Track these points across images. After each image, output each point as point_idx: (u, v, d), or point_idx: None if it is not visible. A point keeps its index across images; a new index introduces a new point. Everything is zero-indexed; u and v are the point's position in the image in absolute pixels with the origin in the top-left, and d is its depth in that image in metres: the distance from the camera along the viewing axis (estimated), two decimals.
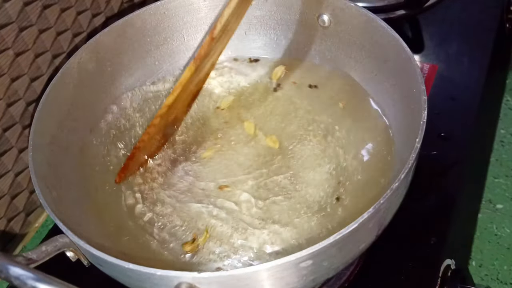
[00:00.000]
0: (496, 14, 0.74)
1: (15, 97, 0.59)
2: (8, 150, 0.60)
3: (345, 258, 0.38)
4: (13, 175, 0.62)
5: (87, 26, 0.67)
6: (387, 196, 0.36)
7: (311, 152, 0.52)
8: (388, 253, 0.51)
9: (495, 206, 0.67)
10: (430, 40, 0.73)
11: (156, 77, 0.59)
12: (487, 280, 0.60)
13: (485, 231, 0.64)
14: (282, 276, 0.35)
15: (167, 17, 0.57)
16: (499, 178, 0.69)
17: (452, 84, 0.67)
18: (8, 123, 0.59)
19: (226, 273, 0.34)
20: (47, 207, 0.38)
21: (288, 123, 0.55)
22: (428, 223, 0.54)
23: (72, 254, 0.39)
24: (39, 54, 0.61)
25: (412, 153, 0.39)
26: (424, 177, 0.56)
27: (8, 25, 0.56)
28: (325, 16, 0.54)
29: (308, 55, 0.58)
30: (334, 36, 0.55)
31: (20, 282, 0.28)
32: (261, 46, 0.60)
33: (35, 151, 0.43)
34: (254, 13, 0.58)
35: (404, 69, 0.46)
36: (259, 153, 0.53)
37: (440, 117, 0.61)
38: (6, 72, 0.57)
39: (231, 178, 0.51)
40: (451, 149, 0.60)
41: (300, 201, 0.48)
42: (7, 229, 0.63)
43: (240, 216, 0.48)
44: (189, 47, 0.60)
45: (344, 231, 0.34)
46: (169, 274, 0.34)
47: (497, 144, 0.73)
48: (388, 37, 0.48)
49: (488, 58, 0.69)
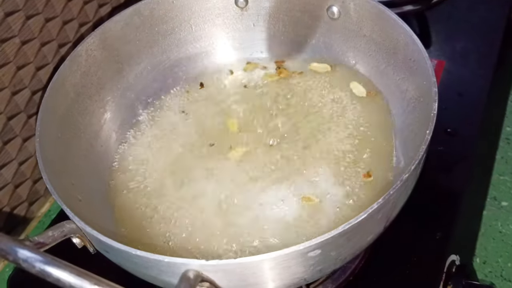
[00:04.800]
0: (504, 12, 0.74)
1: (21, 85, 0.59)
2: (13, 138, 0.60)
3: (353, 248, 0.38)
4: (17, 164, 0.62)
5: (93, 16, 0.67)
6: (397, 187, 0.36)
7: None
8: (393, 247, 0.51)
9: (500, 203, 0.66)
10: (438, 36, 0.73)
11: (163, 66, 0.59)
12: (491, 277, 0.60)
13: (490, 228, 0.64)
14: (289, 265, 0.35)
15: (175, 7, 0.56)
16: (504, 176, 0.69)
17: (459, 80, 0.66)
18: (13, 111, 0.59)
19: (233, 261, 0.34)
20: (54, 192, 0.38)
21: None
22: (434, 218, 0.54)
23: (78, 240, 0.38)
24: (45, 43, 0.61)
25: (422, 145, 0.38)
26: (430, 172, 0.55)
27: (15, 12, 0.56)
28: (334, 8, 0.54)
29: (316, 47, 0.58)
30: (344, 28, 0.55)
31: (28, 264, 0.27)
32: (269, 37, 0.60)
33: (42, 137, 0.43)
34: (263, 4, 0.58)
35: (414, 61, 0.46)
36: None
37: (447, 112, 0.61)
38: (12, 60, 0.57)
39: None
40: (457, 145, 0.60)
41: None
42: (10, 217, 0.63)
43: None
44: (197, 38, 0.59)
45: (353, 221, 0.34)
46: (176, 261, 0.34)
47: (502, 142, 0.72)
48: (398, 28, 0.48)
49: (495, 56, 0.69)
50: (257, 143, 0.53)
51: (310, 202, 0.48)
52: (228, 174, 0.51)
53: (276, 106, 0.56)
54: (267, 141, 0.53)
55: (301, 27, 0.58)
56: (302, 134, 0.53)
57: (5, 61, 0.56)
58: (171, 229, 0.48)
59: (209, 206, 0.49)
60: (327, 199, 0.48)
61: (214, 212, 0.48)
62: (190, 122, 0.57)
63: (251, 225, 0.47)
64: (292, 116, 0.55)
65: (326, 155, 0.51)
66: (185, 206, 0.49)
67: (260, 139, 0.54)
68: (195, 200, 0.50)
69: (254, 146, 0.53)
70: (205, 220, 0.48)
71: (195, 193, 0.50)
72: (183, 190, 0.51)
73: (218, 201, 0.49)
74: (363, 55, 0.54)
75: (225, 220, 0.48)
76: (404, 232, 0.51)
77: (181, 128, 0.56)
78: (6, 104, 0.58)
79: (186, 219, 0.48)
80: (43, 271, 0.27)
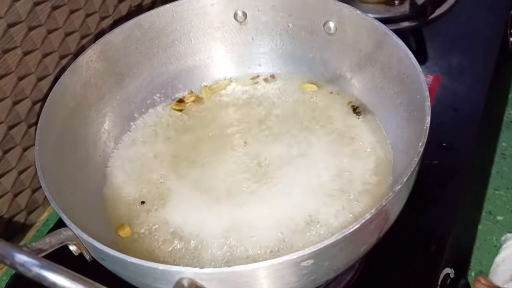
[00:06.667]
0: (500, 28, 0.75)
1: (22, 95, 0.60)
2: (13, 148, 0.61)
3: (346, 259, 0.39)
4: (17, 173, 0.62)
5: (95, 28, 0.68)
6: (389, 198, 0.37)
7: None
8: (388, 260, 0.52)
9: (495, 217, 0.67)
10: (434, 52, 0.74)
11: (162, 78, 0.60)
12: None
13: (485, 242, 0.64)
14: (283, 274, 0.35)
15: (175, 20, 0.57)
16: (500, 190, 0.69)
17: (455, 95, 0.67)
18: (13, 121, 0.60)
19: (227, 270, 0.34)
20: (52, 200, 0.39)
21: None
22: (428, 231, 0.54)
23: (75, 248, 0.39)
24: (46, 54, 0.62)
25: (414, 157, 0.39)
26: (425, 185, 0.56)
27: (17, 24, 0.57)
28: (331, 23, 0.55)
29: (313, 62, 0.59)
30: (340, 43, 0.56)
31: (25, 268, 0.28)
32: (267, 51, 0.61)
33: (41, 146, 0.44)
34: (261, 18, 0.59)
35: (408, 76, 0.47)
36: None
37: (442, 127, 0.62)
38: (13, 71, 0.58)
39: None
40: (453, 159, 0.60)
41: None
42: (9, 226, 0.63)
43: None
44: (196, 50, 0.60)
45: (346, 231, 0.35)
46: (170, 269, 0.34)
47: (498, 157, 0.73)
48: (393, 44, 0.49)
49: (491, 71, 0.69)
50: (251, 156, 0.54)
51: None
52: (224, 185, 0.52)
53: (270, 120, 0.57)
54: (261, 157, 0.54)
55: (299, 42, 0.59)
56: (297, 146, 0.54)
57: (7, 71, 0.57)
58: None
59: (206, 218, 0.49)
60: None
61: (209, 224, 0.49)
62: (187, 134, 0.57)
63: (246, 236, 0.47)
64: (287, 130, 0.56)
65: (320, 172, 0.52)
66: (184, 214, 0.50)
67: (253, 153, 0.54)
68: (192, 210, 0.50)
69: (248, 159, 0.54)
70: (201, 231, 0.48)
71: (192, 203, 0.51)
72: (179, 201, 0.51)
73: (213, 215, 0.49)
74: (359, 69, 0.55)
75: (221, 230, 0.48)
76: (399, 245, 0.51)
77: (178, 140, 0.57)
78: (7, 114, 0.59)
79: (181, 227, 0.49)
80: (39, 275, 0.27)
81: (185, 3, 0.57)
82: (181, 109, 0.59)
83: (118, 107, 0.57)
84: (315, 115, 0.57)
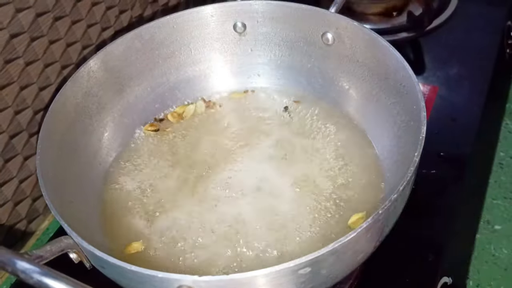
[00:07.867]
0: (497, 39, 0.76)
1: (23, 105, 0.61)
2: (14, 156, 0.61)
3: (343, 267, 0.39)
4: (18, 182, 0.63)
5: (96, 39, 0.69)
6: (386, 207, 0.37)
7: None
8: (386, 268, 0.52)
9: (493, 227, 0.67)
10: (432, 62, 0.74)
11: (162, 88, 0.60)
12: None
13: (483, 251, 0.65)
14: (281, 282, 0.36)
15: (175, 31, 0.58)
16: (498, 200, 0.70)
17: (452, 105, 0.68)
18: (15, 130, 0.60)
19: (225, 277, 0.35)
20: (53, 208, 0.39)
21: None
22: (427, 240, 0.55)
23: (75, 255, 0.39)
24: (48, 64, 0.62)
25: (410, 167, 0.39)
26: (423, 194, 0.57)
27: (20, 34, 0.57)
28: (329, 35, 0.56)
29: (312, 72, 0.60)
30: (337, 54, 0.56)
31: (26, 275, 0.28)
32: (266, 62, 0.61)
33: (43, 154, 0.44)
34: (260, 30, 0.59)
35: (404, 86, 0.47)
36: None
37: (440, 137, 0.63)
38: (15, 81, 0.58)
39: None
40: (450, 168, 0.61)
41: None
42: (9, 234, 0.64)
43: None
44: (196, 61, 0.61)
45: (343, 239, 0.35)
46: (170, 277, 0.35)
47: (496, 166, 0.73)
48: (390, 55, 0.49)
49: (488, 82, 0.70)
50: (247, 167, 0.54)
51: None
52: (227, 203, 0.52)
53: (267, 131, 0.58)
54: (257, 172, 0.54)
55: (297, 52, 0.59)
56: (291, 157, 0.55)
57: (9, 81, 0.58)
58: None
59: (205, 226, 0.50)
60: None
61: (208, 233, 0.49)
62: (187, 143, 0.58)
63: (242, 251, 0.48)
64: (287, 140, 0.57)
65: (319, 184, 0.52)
66: (182, 223, 0.50)
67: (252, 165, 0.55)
68: (191, 219, 0.51)
69: (245, 171, 0.54)
70: (201, 241, 0.49)
71: (191, 213, 0.51)
72: (180, 209, 0.52)
73: (212, 225, 0.50)
74: (356, 79, 0.56)
75: (218, 238, 0.49)
76: (396, 253, 0.52)
77: (178, 150, 0.57)
78: (9, 123, 0.59)
79: (181, 236, 0.49)
80: (40, 282, 0.28)
81: (185, 14, 0.58)
82: (157, 129, 0.60)
83: (119, 116, 0.57)
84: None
